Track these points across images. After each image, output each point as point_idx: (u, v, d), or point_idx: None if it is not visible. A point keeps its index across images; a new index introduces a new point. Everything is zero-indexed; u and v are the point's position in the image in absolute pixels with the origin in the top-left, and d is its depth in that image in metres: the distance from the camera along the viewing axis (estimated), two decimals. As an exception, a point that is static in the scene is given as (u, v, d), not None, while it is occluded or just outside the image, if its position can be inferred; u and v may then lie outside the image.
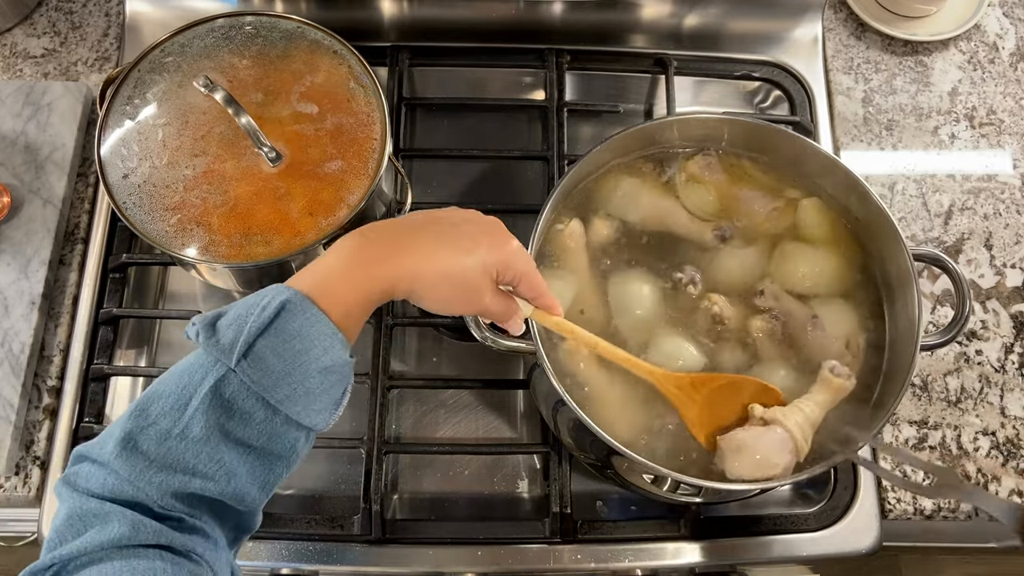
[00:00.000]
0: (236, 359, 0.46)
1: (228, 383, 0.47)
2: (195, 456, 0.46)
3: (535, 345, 0.64)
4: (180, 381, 0.47)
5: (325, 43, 0.78)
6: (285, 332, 0.47)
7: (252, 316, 0.47)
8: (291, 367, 0.47)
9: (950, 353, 0.85)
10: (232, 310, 0.49)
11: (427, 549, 0.76)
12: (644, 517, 0.81)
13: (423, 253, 0.53)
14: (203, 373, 0.47)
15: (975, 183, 0.93)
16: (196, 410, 0.46)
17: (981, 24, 1.01)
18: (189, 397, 0.47)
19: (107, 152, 0.74)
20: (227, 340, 0.47)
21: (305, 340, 0.48)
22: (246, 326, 0.47)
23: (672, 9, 0.95)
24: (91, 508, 0.45)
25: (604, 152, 0.73)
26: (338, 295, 0.50)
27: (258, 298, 0.49)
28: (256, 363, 0.47)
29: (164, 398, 0.47)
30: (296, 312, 0.48)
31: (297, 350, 0.48)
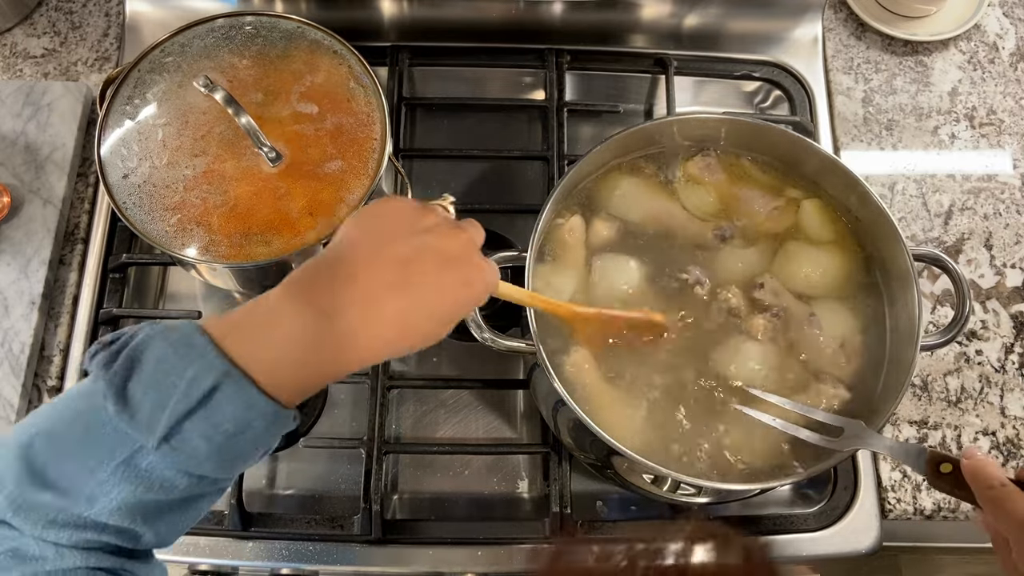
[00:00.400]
0: (156, 442, 0.40)
1: (144, 456, 0.41)
2: (108, 518, 0.42)
3: (535, 345, 0.64)
4: (83, 439, 0.41)
5: (325, 43, 0.78)
6: (217, 416, 0.41)
7: (176, 392, 0.40)
8: (220, 449, 0.42)
9: (950, 353, 0.85)
10: (149, 367, 0.41)
11: (427, 549, 0.76)
12: (644, 517, 0.81)
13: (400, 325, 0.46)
14: (112, 442, 0.41)
15: (975, 183, 0.93)
16: (105, 481, 0.41)
17: (981, 24, 1.01)
18: (97, 463, 0.41)
19: (107, 152, 0.74)
20: (143, 416, 0.40)
21: (240, 423, 0.42)
22: (168, 404, 0.40)
23: (672, 9, 0.95)
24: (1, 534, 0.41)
25: (604, 152, 0.73)
26: (290, 376, 0.44)
27: (180, 360, 0.41)
28: (180, 444, 0.41)
29: (66, 455, 0.41)
30: (231, 396, 0.41)
31: (228, 432, 0.41)
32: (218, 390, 0.41)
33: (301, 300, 0.45)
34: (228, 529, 0.76)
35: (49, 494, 0.41)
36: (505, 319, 0.82)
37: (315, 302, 0.45)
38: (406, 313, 0.46)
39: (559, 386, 0.63)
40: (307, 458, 0.83)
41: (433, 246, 0.48)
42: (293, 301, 0.45)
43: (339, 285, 0.45)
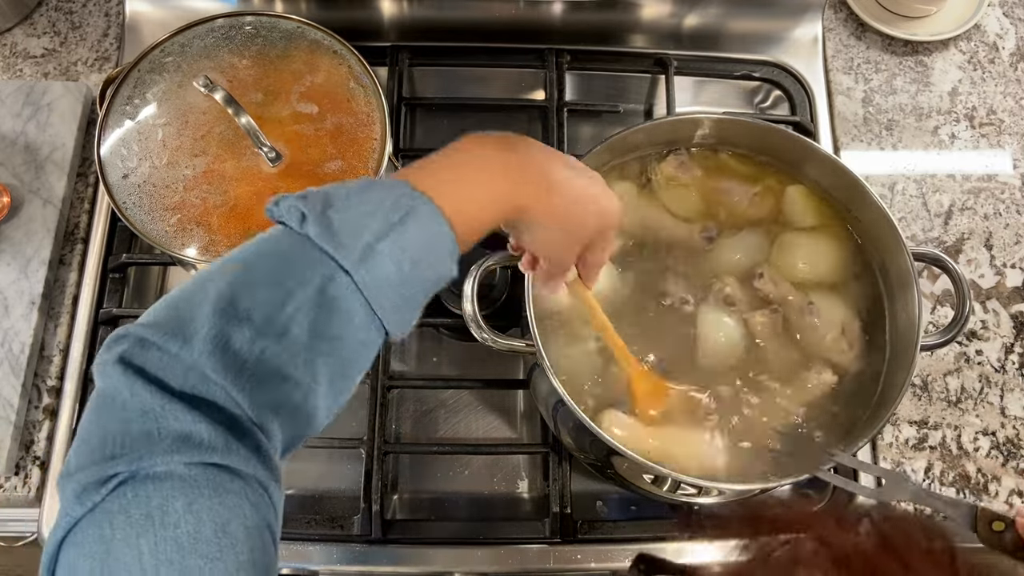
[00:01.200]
0: (354, 262, 0.42)
1: (336, 283, 0.42)
2: (290, 361, 0.41)
3: (535, 345, 0.64)
4: (275, 271, 0.42)
5: (325, 43, 0.78)
6: (406, 240, 0.43)
7: (377, 215, 0.43)
8: (405, 278, 0.44)
9: (950, 353, 0.85)
10: (344, 200, 0.44)
11: (427, 549, 0.76)
12: (644, 517, 0.81)
13: (561, 196, 0.51)
14: (305, 266, 0.42)
15: (975, 183, 0.93)
16: (298, 309, 0.41)
17: (981, 24, 1.01)
18: (289, 292, 0.41)
19: (107, 152, 0.74)
20: (344, 238, 0.42)
21: (425, 252, 0.44)
22: (368, 226, 0.43)
23: (672, 9, 0.95)
24: (171, 408, 0.38)
25: (604, 152, 0.73)
26: (470, 213, 0.47)
27: (381, 192, 0.44)
28: (372, 268, 0.43)
29: (257, 289, 0.42)
30: (424, 223, 0.44)
31: (414, 260, 0.44)
32: (412, 214, 0.43)
33: (493, 141, 0.49)
34: (228, 529, 0.76)
35: (246, 327, 0.40)
36: (505, 319, 0.82)
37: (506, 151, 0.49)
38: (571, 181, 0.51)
39: (559, 386, 0.63)
40: (307, 458, 0.83)
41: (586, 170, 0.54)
42: (485, 142, 0.49)
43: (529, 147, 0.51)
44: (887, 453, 0.81)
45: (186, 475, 0.37)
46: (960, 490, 0.80)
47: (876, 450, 0.81)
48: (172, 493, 0.37)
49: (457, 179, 0.47)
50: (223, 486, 0.38)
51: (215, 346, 0.40)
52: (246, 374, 0.40)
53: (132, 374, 0.39)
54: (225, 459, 0.38)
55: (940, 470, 0.81)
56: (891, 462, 0.81)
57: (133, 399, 0.38)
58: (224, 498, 0.38)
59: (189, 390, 0.39)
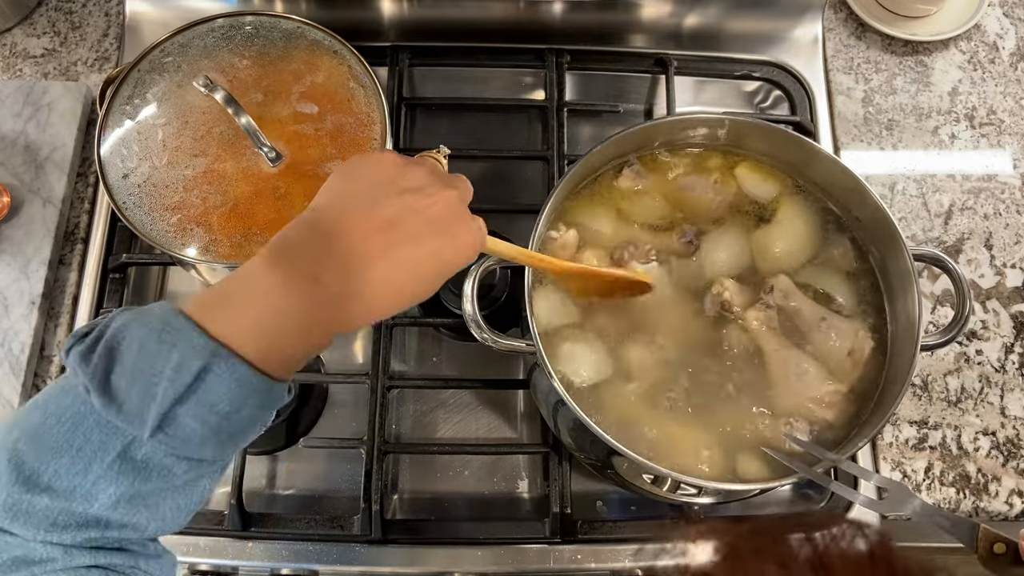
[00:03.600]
0: (150, 432, 0.39)
1: (139, 447, 0.40)
2: (108, 514, 0.40)
3: (535, 345, 0.64)
4: (71, 438, 0.39)
5: (325, 43, 0.78)
6: (210, 397, 0.39)
7: (163, 379, 0.39)
8: (218, 428, 0.40)
9: (950, 353, 0.85)
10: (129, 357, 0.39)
11: (427, 549, 0.76)
12: (644, 517, 0.81)
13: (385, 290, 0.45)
14: (102, 433, 0.39)
15: (975, 183, 0.93)
16: (101, 477, 0.39)
17: (981, 24, 1.01)
18: (89, 461, 0.39)
19: (107, 152, 0.74)
20: (132, 407, 0.39)
21: (234, 402, 0.40)
22: (157, 392, 0.39)
23: (672, 9, 0.95)
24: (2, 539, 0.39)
25: (604, 152, 0.73)
26: (279, 349, 0.42)
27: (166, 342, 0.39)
28: (175, 431, 0.39)
29: (56, 455, 0.39)
30: (224, 376, 0.40)
31: (223, 412, 0.40)
32: (208, 371, 0.39)
33: (284, 268, 0.42)
34: (228, 529, 0.76)
35: (46, 497, 0.39)
36: (505, 319, 0.82)
37: (299, 269, 0.42)
38: (392, 276, 0.45)
39: (559, 386, 0.63)
40: (307, 458, 0.83)
41: (418, 206, 0.46)
42: (275, 270, 0.42)
43: (322, 250, 0.43)
44: (887, 453, 0.81)
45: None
46: (960, 490, 0.80)
47: (876, 450, 0.81)
48: None
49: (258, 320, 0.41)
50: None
51: (16, 513, 0.39)
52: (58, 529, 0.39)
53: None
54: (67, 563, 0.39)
55: (940, 470, 0.81)
56: (891, 462, 0.81)
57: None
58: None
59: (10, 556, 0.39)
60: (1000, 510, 0.79)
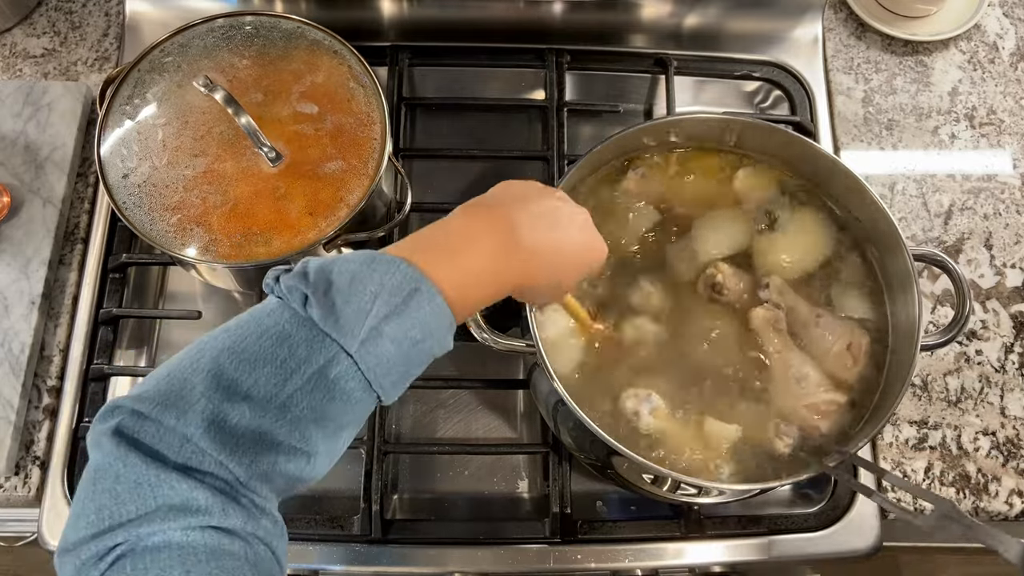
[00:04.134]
0: (358, 345, 0.43)
1: (338, 364, 0.43)
2: (288, 435, 0.43)
3: (535, 345, 0.64)
4: (275, 351, 0.43)
5: (325, 43, 0.78)
6: (409, 321, 0.44)
7: (378, 297, 0.44)
8: (406, 356, 0.45)
9: (950, 353, 0.85)
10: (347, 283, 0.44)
11: (427, 549, 0.76)
12: (644, 517, 0.81)
13: (553, 270, 0.54)
14: (307, 347, 0.43)
15: (975, 183, 0.93)
16: (298, 389, 0.42)
17: (981, 24, 1.01)
18: (289, 372, 0.42)
19: (107, 152, 0.74)
20: (346, 321, 0.43)
21: (424, 330, 0.45)
22: (371, 308, 0.43)
23: (672, 9, 0.95)
24: (166, 478, 0.39)
25: (604, 152, 0.73)
26: (467, 292, 0.48)
27: (382, 273, 0.45)
28: (375, 349, 0.44)
29: (257, 367, 0.42)
30: (424, 303, 0.45)
31: (415, 339, 0.45)
32: (413, 296, 0.45)
33: (481, 217, 0.51)
34: (228, 529, 0.76)
35: (244, 405, 0.41)
36: (505, 319, 0.82)
37: (494, 220, 0.51)
38: (561, 243, 0.54)
39: (559, 386, 0.63)
40: (307, 458, 0.83)
41: (569, 211, 0.56)
42: (474, 219, 0.51)
43: (515, 211, 0.52)
44: (887, 453, 0.81)
45: (183, 542, 0.38)
46: (960, 490, 0.80)
47: (876, 450, 0.81)
48: (169, 563, 0.38)
49: (453, 260, 0.48)
50: (221, 548, 0.39)
51: (211, 422, 0.40)
52: (242, 448, 0.41)
53: (126, 446, 0.39)
54: (222, 521, 0.40)
55: (940, 470, 0.81)
56: (891, 462, 0.81)
57: (127, 471, 0.39)
58: (222, 561, 0.39)
59: (184, 461, 0.40)
60: (1000, 510, 0.79)
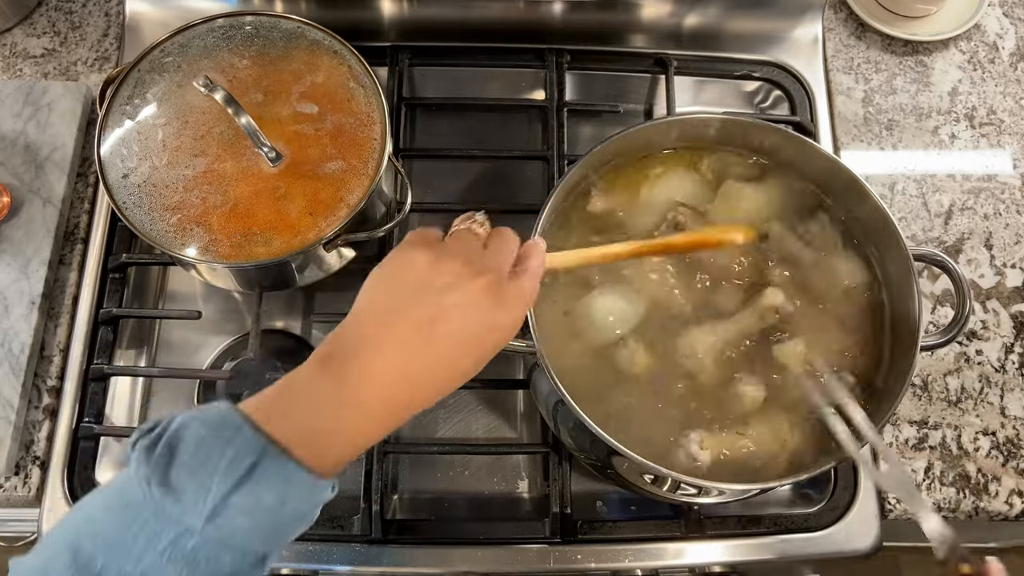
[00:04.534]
0: (202, 522, 0.41)
1: (189, 538, 0.42)
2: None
3: (535, 345, 0.64)
4: (122, 530, 0.42)
5: (325, 43, 0.78)
6: (256, 492, 0.42)
7: (217, 472, 0.42)
8: (263, 524, 0.43)
9: (950, 353, 0.85)
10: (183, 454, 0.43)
11: (427, 549, 0.76)
12: (644, 517, 0.81)
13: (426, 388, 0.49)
14: (158, 526, 0.42)
15: (975, 183, 0.93)
16: (151, 567, 0.41)
17: (981, 24, 1.01)
18: (141, 551, 0.41)
19: (107, 152, 0.74)
20: (188, 498, 0.41)
21: (279, 496, 0.43)
22: (211, 485, 0.42)
23: (672, 9, 0.95)
24: None
25: (604, 152, 0.73)
26: (323, 451, 0.45)
27: (218, 440, 0.43)
28: (225, 523, 0.42)
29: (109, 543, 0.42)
30: (271, 471, 0.43)
31: (269, 506, 0.43)
32: (257, 467, 0.42)
33: (331, 372, 0.47)
34: (228, 529, 0.76)
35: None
36: (505, 319, 0.82)
37: (344, 373, 0.46)
38: (437, 370, 0.48)
39: (559, 386, 0.63)
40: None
41: (454, 303, 0.49)
42: (322, 374, 0.47)
43: (366, 354, 0.47)
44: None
45: None
46: (960, 490, 0.80)
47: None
48: None
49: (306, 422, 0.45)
50: None
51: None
52: None
53: None
54: None
55: (940, 470, 0.81)
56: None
57: None
58: None
59: None
60: (1000, 510, 0.79)
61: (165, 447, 0.43)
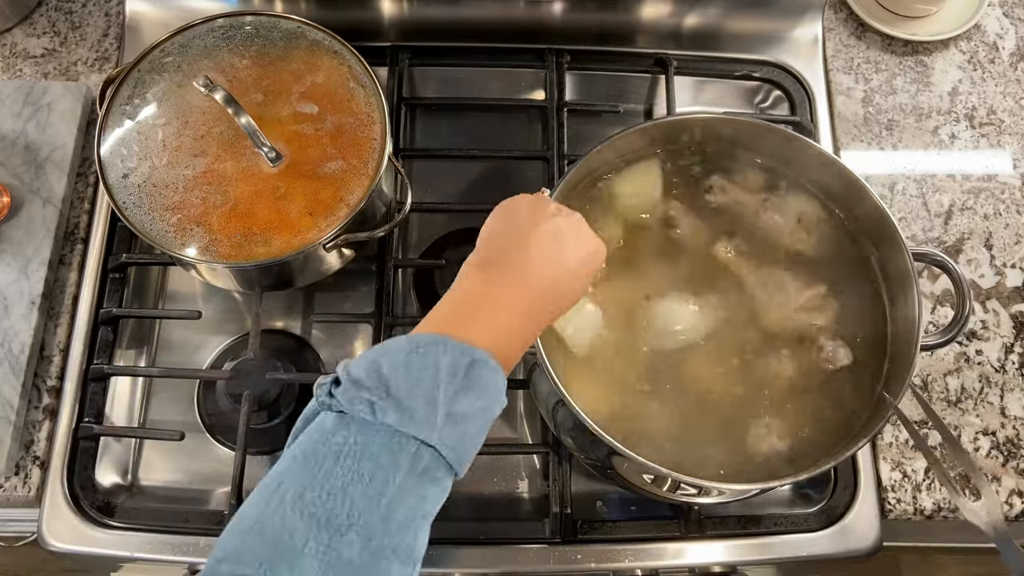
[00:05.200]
0: (437, 434, 0.44)
1: (421, 458, 0.43)
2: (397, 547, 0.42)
3: (535, 345, 0.64)
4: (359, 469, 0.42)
5: (325, 43, 0.78)
6: (474, 393, 0.46)
7: (441, 381, 0.44)
8: (479, 428, 0.47)
9: (950, 353, 0.85)
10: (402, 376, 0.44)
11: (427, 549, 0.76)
12: (644, 517, 0.81)
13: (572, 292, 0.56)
14: (390, 454, 0.43)
15: (975, 183, 0.93)
16: (395, 497, 0.42)
17: (981, 24, 1.01)
18: (382, 485, 0.42)
19: (107, 152, 0.74)
20: (421, 413, 0.43)
21: (488, 397, 0.47)
22: (439, 393, 0.44)
23: (672, 9, 0.95)
24: None
25: (604, 152, 0.73)
26: (512, 347, 0.51)
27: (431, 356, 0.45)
28: (453, 432, 0.44)
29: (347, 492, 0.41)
30: (482, 371, 0.46)
31: (482, 409, 0.47)
32: (473, 366, 0.46)
33: (491, 277, 0.52)
34: (228, 529, 0.76)
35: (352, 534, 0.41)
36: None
37: (513, 277, 0.52)
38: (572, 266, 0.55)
39: (559, 386, 0.63)
40: (307, 458, 0.83)
41: (567, 223, 0.57)
42: (486, 281, 0.52)
43: (520, 254, 0.54)
44: (887, 453, 0.81)
45: None
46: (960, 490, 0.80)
47: (876, 450, 0.81)
48: None
49: (487, 323, 0.50)
50: None
51: (328, 564, 0.39)
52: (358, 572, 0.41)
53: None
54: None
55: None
56: (891, 462, 0.81)
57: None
58: None
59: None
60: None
61: (372, 378, 0.44)
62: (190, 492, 0.82)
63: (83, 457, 0.78)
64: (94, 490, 0.78)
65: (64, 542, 0.75)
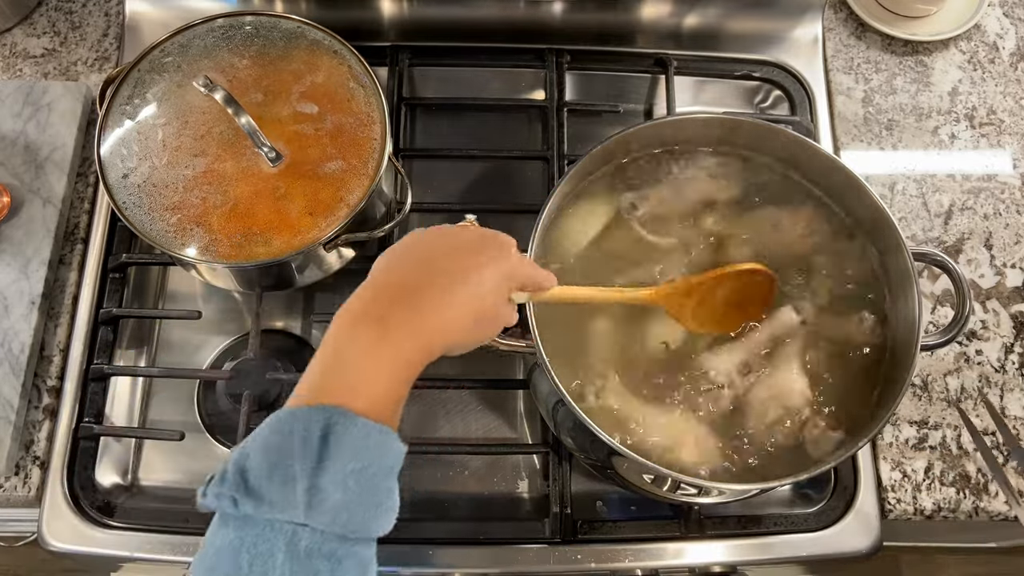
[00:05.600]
0: (304, 513, 0.41)
1: (299, 540, 0.41)
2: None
3: (535, 345, 0.64)
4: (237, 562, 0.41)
5: (325, 43, 0.78)
6: (344, 457, 0.42)
7: (295, 457, 0.41)
8: (360, 490, 0.43)
9: (950, 353, 0.85)
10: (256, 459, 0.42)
11: (427, 549, 0.76)
12: (644, 517, 0.81)
13: (442, 306, 0.49)
14: (267, 541, 0.41)
15: (975, 183, 0.93)
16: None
17: (981, 24, 1.01)
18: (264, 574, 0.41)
19: (107, 152, 0.74)
20: (278, 496, 0.41)
21: (362, 457, 0.43)
22: (295, 471, 0.41)
23: (672, 9, 0.95)
24: None
25: (604, 152, 0.73)
26: (373, 390, 0.45)
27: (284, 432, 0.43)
28: (321, 506, 0.41)
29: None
30: (342, 432, 0.42)
31: (357, 470, 0.42)
32: (331, 432, 0.42)
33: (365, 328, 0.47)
34: (228, 529, 0.76)
35: None
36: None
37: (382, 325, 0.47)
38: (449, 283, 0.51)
39: (559, 386, 0.63)
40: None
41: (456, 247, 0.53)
42: (359, 332, 0.47)
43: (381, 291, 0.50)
44: (887, 453, 0.81)
45: None
46: (960, 490, 0.80)
47: (876, 450, 0.81)
48: None
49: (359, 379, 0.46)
50: None
51: None
52: None
53: None
54: None
55: (940, 470, 0.81)
56: (891, 462, 0.81)
57: None
58: None
59: None
60: (1000, 510, 0.79)
61: (234, 470, 0.42)
62: (190, 492, 0.81)
63: (83, 457, 0.78)
64: (94, 490, 0.78)
65: (64, 542, 0.75)
